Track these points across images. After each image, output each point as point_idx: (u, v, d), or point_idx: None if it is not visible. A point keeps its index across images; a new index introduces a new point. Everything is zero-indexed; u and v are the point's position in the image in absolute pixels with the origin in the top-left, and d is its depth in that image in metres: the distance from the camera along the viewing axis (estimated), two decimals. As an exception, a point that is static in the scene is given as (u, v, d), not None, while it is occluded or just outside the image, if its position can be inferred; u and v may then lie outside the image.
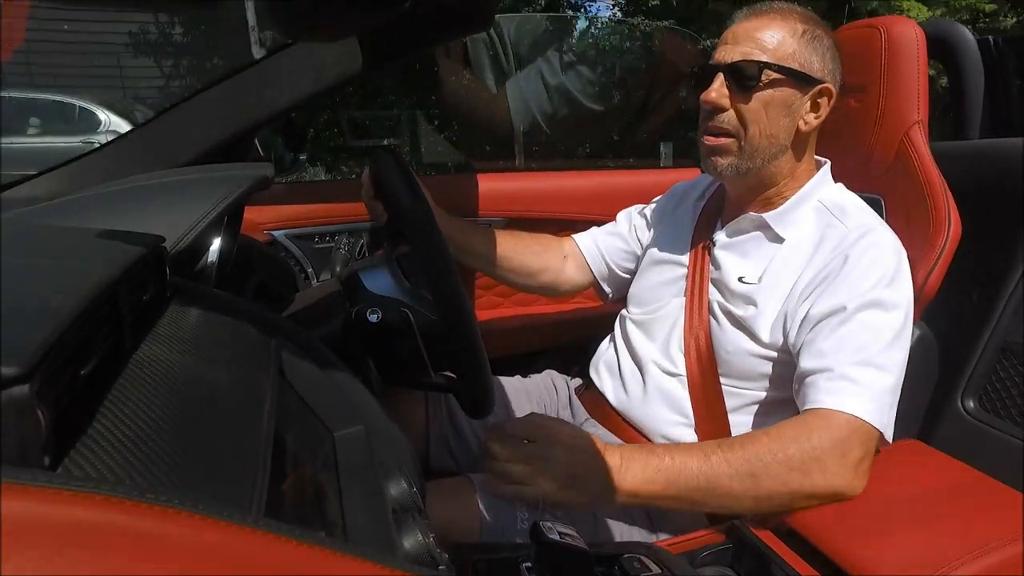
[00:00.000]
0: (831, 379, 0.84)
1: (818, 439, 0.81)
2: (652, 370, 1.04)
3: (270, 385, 0.56)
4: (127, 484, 0.32)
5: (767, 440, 0.82)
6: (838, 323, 0.87)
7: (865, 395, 0.82)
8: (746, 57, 0.92)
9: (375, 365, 0.89)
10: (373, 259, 0.90)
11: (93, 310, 0.40)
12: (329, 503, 0.55)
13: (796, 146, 0.98)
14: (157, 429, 0.39)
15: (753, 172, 0.97)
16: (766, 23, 0.94)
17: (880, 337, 0.86)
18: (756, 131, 0.94)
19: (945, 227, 1.02)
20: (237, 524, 0.30)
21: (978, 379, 1.18)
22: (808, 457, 0.80)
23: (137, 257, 0.49)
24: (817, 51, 0.93)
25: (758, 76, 0.91)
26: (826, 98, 0.95)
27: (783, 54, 0.92)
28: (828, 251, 0.93)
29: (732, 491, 0.81)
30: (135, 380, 0.42)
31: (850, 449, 0.81)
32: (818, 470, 0.79)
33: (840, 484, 0.80)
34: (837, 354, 0.85)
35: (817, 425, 0.82)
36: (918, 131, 1.07)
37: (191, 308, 0.59)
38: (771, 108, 0.93)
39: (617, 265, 1.25)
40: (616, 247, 1.25)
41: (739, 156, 0.96)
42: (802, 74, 0.92)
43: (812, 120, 0.95)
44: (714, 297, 1.01)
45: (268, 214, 1.41)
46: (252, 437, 0.47)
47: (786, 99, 0.93)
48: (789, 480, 0.79)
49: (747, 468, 0.80)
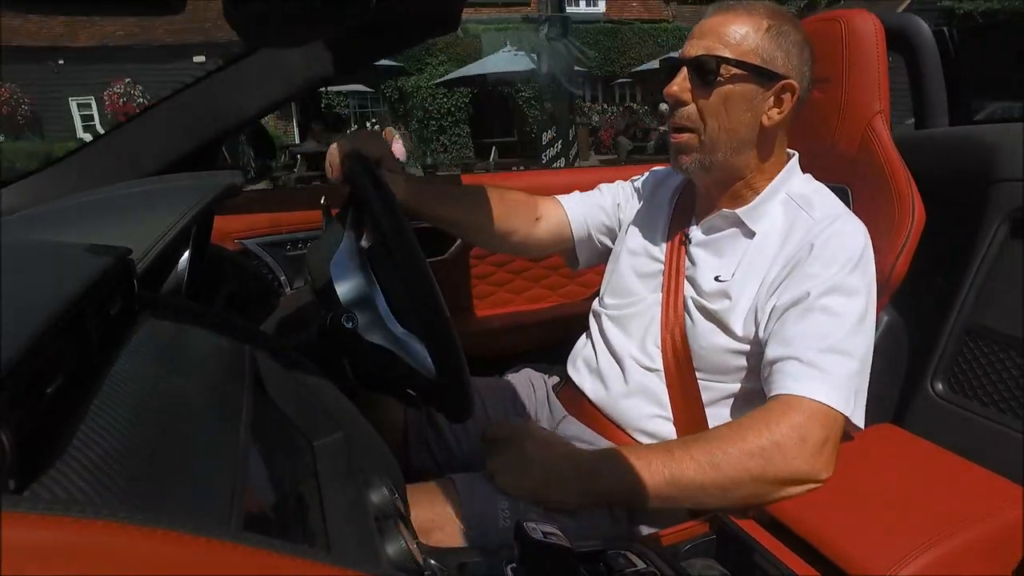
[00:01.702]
0: (794, 365, 0.85)
1: (776, 425, 0.82)
2: (630, 365, 1.04)
3: (246, 396, 0.55)
4: (98, 504, 0.31)
5: (728, 431, 0.85)
6: (803, 310, 0.88)
7: (827, 380, 0.84)
8: (708, 52, 0.93)
9: (352, 371, 0.88)
10: (346, 264, 0.89)
11: (57, 327, 0.39)
12: (311, 513, 0.54)
13: (761, 141, 0.98)
14: (129, 446, 0.38)
15: (716, 166, 0.98)
16: (731, 18, 0.94)
17: (843, 323, 0.87)
18: (716, 125, 0.95)
19: (910, 214, 1.04)
20: (216, 539, 0.30)
21: (947, 362, 1.21)
22: (768, 443, 0.81)
23: (103, 270, 0.48)
24: (782, 46, 0.94)
25: (716, 71, 0.92)
26: (789, 93, 0.95)
27: (745, 49, 0.92)
28: (796, 242, 0.94)
29: (698, 483, 0.82)
30: (105, 397, 0.41)
31: (809, 433, 0.82)
32: (779, 455, 0.81)
33: (802, 468, 0.81)
34: (801, 341, 0.86)
35: (777, 411, 0.84)
36: (880, 121, 1.09)
37: (161, 321, 0.58)
38: (731, 103, 0.94)
39: (597, 238, 1.25)
40: (599, 221, 1.24)
41: (700, 151, 0.97)
42: (763, 69, 0.93)
43: (775, 116, 0.96)
44: (689, 294, 1.02)
45: (238, 222, 1.39)
46: (229, 450, 0.46)
47: (746, 94, 0.94)
48: (751, 467, 0.81)
49: (709, 459, 0.82)
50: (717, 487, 0.82)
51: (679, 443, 0.88)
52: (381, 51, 1.16)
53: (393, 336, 0.83)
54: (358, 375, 0.88)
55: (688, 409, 0.99)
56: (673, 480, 0.82)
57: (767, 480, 0.81)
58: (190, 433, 0.45)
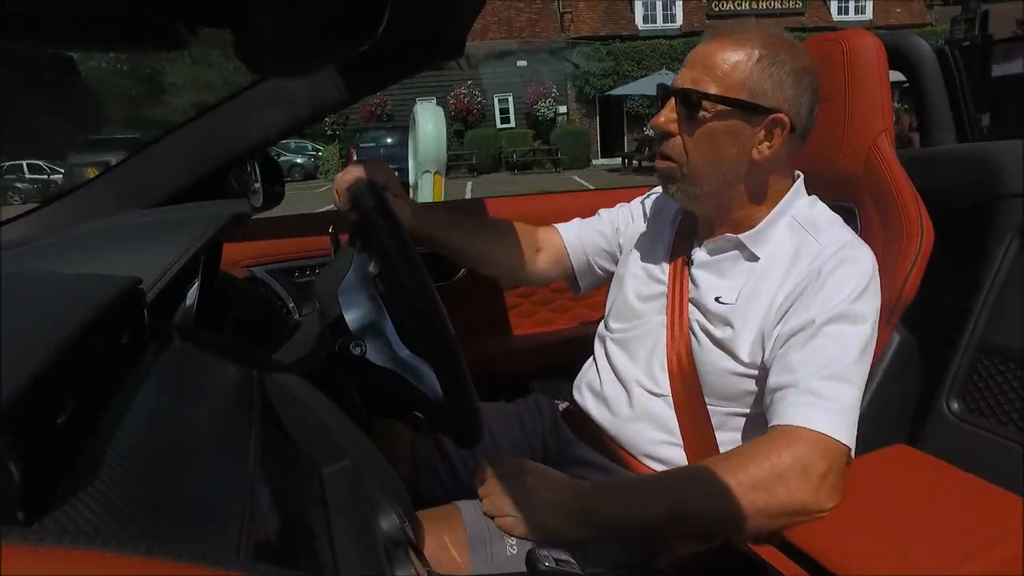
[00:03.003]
0: (797, 394, 0.84)
1: (777, 456, 0.81)
2: (636, 390, 1.03)
3: (254, 424, 0.55)
4: (106, 536, 0.31)
5: (730, 462, 0.83)
6: (807, 337, 0.87)
7: (829, 408, 0.82)
8: (694, 84, 0.90)
9: (360, 398, 0.88)
10: (355, 293, 0.89)
11: (66, 357, 0.39)
12: (319, 542, 0.54)
13: (751, 175, 0.95)
14: (138, 476, 0.38)
15: (702, 196, 0.96)
16: (721, 47, 0.91)
17: (848, 351, 0.86)
18: (699, 159, 0.93)
19: (918, 233, 1.04)
20: (224, 570, 0.29)
21: (961, 380, 1.20)
22: (769, 475, 0.80)
23: (112, 300, 0.48)
24: (773, 77, 0.89)
25: (699, 105, 0.90)
26: (780, 128, 0.90)
27: (732, 82, 0.89)
28: (803, 268, 0.92)
29: (700, 515, 0.81)
30: (114, 426, 0.41)
31: (811, 464, 0.80)
32: (781, 487, 0.79)
33: (805, 499, 0.80)
34: (804, 368, 0.85)
35: (780, 442, 0.82)
36: (884, 139, 1.09)
37: (170, 350, 0.58)
38: (715, 138, 0.91)
39: (596, 264, 1.25)
40: (599, 246, 1.24)
41: (683, 182, 0.96)
42: (750, 104, 0.89)
43: (765, 150, 0.91)
44: (694, 316, 1.00)
45: (246, 250, 1.40)
46: (237, 478, 0.46)
47: (732, 129, 0.91)
48: (754, 499, 0.79)
49: (711, 491, 0.80)
50: (719, 519, 0.81)
51: (681, 474, 0.87)
52: (386, 78, 1.17)
53: (401, 361, 0.83)
54: (366, 402, 0.88)
55: (698, 435, 0.98)
56: (675, 512, 0.81)
57: (770, 512, 0.80)
58: (199, 462, 0.45)
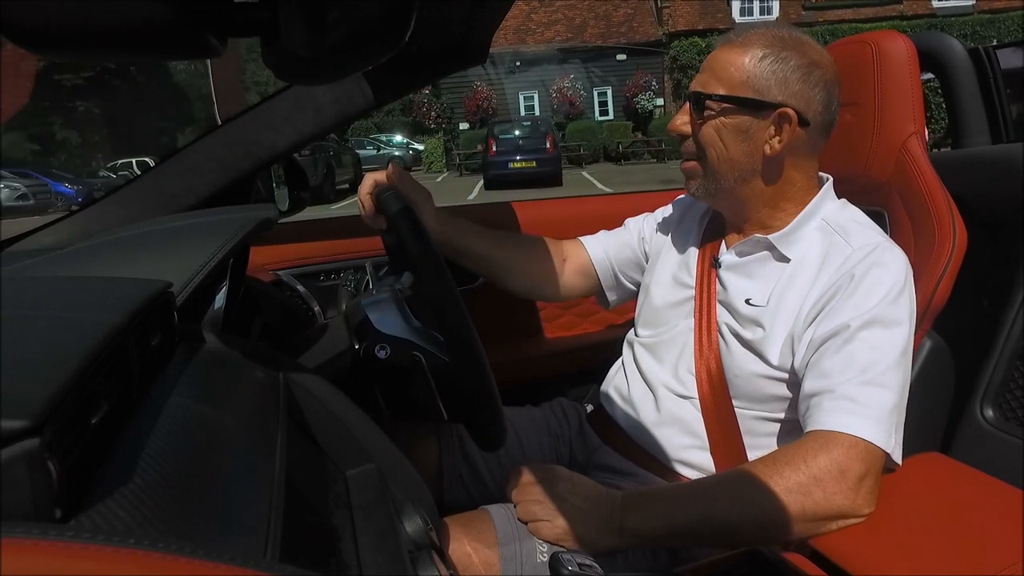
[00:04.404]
0: (833, 399, 0.83)
1: (815, 460, 0.80)
2: (663, 394, 1.03)
3: (280, 427, 0.56)
4: (138, 534, 0.31)
5: (764, 467, 0.82)
6: (842, 343, 0.86)
7: (867, 414, 0.81)
8: (702, 88, 0.96)
9: (384, 401, 0.88)
10: (379, 295, 0.90)
11: (101, 359, 0.40)
12: (344, 544, 0.54)
13: (767, 170, 0.96)
14: (168, 476, 0.38)
15: (722, 192, 0.99)
16: (726, 52, 0.95)
17: (884, 356, 0.85)
18: (714, 155, 0.96)
19: (951, 236, 1.02)
20: (252, 570, 0.30)
21: (995, 387, 1.17)
22: (806, 478, 0.79)
23: (144, 303, 0.49)
24: (777, 74, 0.91)
25: (704, 106, 0.95)
26: (787, 122, 0.92)
27: (736, 82, 0.93)
28: (833, 271, 0.91)
29: (733, 522, 0.81)
30: (145, 427, 0.42)
31: (849, 468, 0.79)
32: (818, 490, 0.78)
33: (842, 503, 0.79)
34: (840, 374, 0.84)
35: (815, 446, 0.81)
36: (916, 142, 1.07)
37: (199, 353, 0.59)
38: (725, 135, 0.95)
39: (624, 275, 1.25)
40: (625, 258, 1.24)
41: (705, 178, 0.99)
42: (753, 100, 0.92)
43: (776, 145, 0.93)
44: (723, 319, 1.00)
45: (272, 254, 1.42)
46: (264, 480, 0.46)
47: (739, 126, 0.94)
48: (789, 503, 0.78)
49: (745, 497, 0.80)
50: (754, 525, 0.80)
51: (714, 482, 0.86)
52: (410, 84, 1.18)
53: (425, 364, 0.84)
54: (390, 405, 0.88)
55: (725, 438, 0.97)
56: (708, 519, 0.81)
57: (806, 517, 0.79)
58: (227, 463, 0.46)
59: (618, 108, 23.01)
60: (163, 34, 0.29)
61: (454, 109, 22.67)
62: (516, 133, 16.35)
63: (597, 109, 23.10)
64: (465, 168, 20.29)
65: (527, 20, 22.87)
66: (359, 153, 19.18)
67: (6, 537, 0.25)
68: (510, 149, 15.70)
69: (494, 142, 15.84)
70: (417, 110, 22.81)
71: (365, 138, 23.30)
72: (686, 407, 1.00)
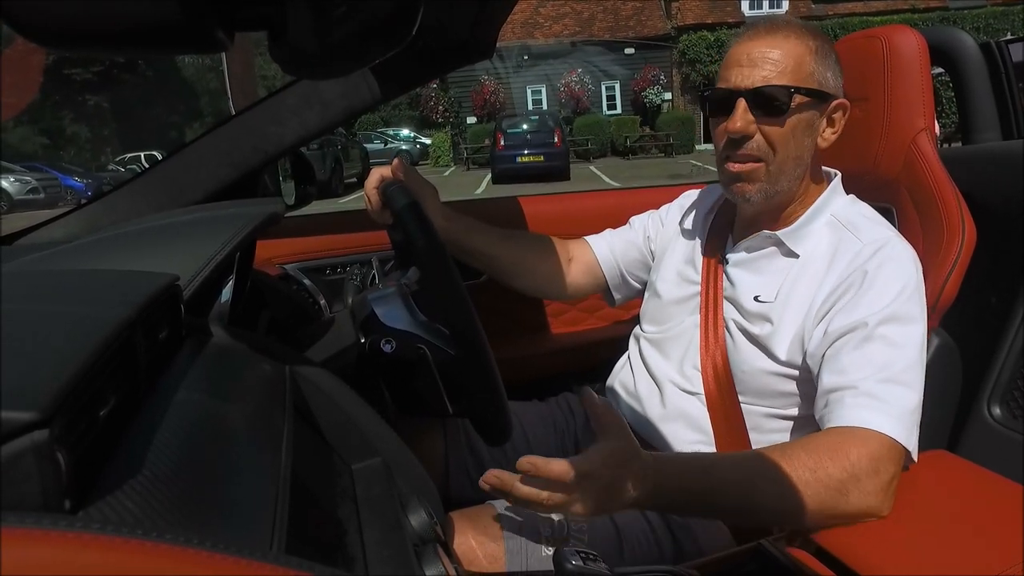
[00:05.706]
0: (856, 395, 0.82)
1: (855, 457, 0.78)
2: (669, 389, 1.03)
3: (286, 420, 0.56)
4: (146, 526, 0.32)
5: (806, 457, 0.78)
6: (860, 340, 0.85)
7: (893, 413, 0.80)
8: (769, 82, 0.90)
9: (390, 395, 0.88)
10: (385, 289, 0.90)
11: (109, 352, 0.40)
12: (349, 537, 0.54)
13: (814, 165, 0.98)
14: (175, 469, 0.39)
15: (779, 195, 0.96)
16: (779, 42, 0.91)
17: (904, 353, 0.84)
18: (785, 155, 0.92)
19: (959, 232, 1.01)
20: (259, 562, 0.30)
21: (1003, 385, 1.16)
22: (847, 476, 0.77)
23: (152, 297, 0.50)
24: (829, 66, 0.93)
25: (788, 101, 0.89)
26: (841, 112, 0.94)
27: (804, 74, 0.90)
28: (843, 266, 0.91)
29: (767, 506, 0.78)
30: (152, 420, 0.43)
31: (884, 468, 0.78)
32: (855, 489, 0.77)
33: (873, 504, 0.78)
34: (861, 370, 0.83)
35: (852, 443, 0.79)
36: (925, 138, 1.07)
37: (206, 346, 0.59)
38: (798, 130, 0.92)
39: (630, 274, 1.24)
40: (631, 257, 1.24)
41: (767, 180, 0.94)
42: (821, 92, 0.92)
43: (830, 136, 0.95)
44: (730, 315, 0.99)
45: (279, 248, 1.42)
46: (270, 473, 0.47)
47: (810, 120, 0.92)
48: (826, 499, 0.77)
49: (784, 481, 0.77)
50: (785, 513, 0.78)
51: (756, 462, 0.79)
52: (417, 79, 1.18)
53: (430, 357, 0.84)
54: (396, 399, 0.88)
55: (731, 434, 0.97)
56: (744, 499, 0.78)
57: (836, 514, 0.78)
58: (233, 456, 0.46)
59: (626, 102, 22.96)
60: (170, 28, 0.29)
61: (461, 103, 22.73)
62: (524, 127, 16.30)
63: (605, 103, 23.10)
64: (472, 162, 20.31)
65: (535, 14, 22.87)
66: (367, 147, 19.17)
67: (17, 527, 0.26)
68: (518, 143, 15.67)
69: (502, 136, 15.80)
70: (424, 104, 22.90)
71: (372, 132, 23.34)
72: (692, 403, 1.00)
